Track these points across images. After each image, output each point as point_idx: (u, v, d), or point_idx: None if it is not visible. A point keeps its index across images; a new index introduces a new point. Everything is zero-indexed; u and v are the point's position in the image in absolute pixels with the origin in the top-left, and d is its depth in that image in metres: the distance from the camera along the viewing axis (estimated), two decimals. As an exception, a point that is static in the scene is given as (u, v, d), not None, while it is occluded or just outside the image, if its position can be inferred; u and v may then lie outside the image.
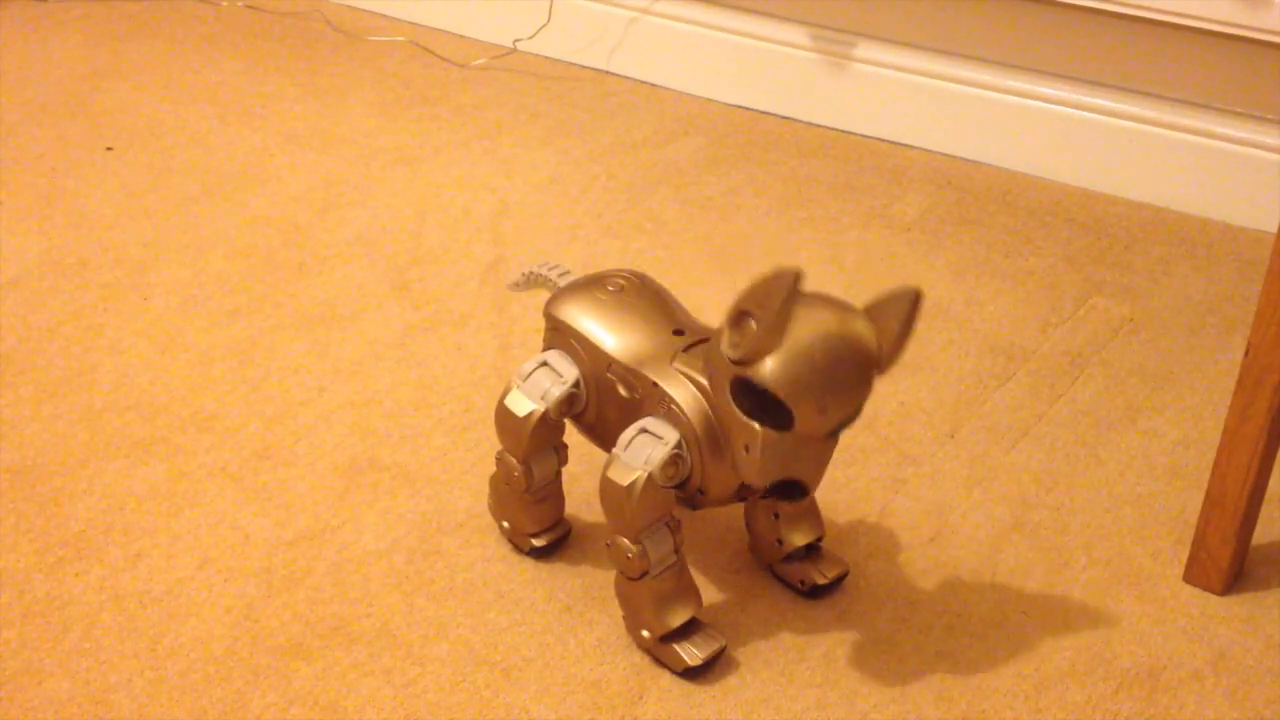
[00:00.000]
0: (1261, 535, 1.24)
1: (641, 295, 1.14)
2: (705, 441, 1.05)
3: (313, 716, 1.07)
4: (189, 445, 1.34)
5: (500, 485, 1.20)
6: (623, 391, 1.10)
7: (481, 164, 1.87)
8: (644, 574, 1.08)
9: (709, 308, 1.12)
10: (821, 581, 1.18)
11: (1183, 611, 1.19)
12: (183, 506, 1.27)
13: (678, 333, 1.10)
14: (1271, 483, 1.20)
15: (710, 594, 1.19)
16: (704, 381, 1.05)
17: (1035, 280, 1.64)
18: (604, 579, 1.18)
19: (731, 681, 1.11)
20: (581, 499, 1.28)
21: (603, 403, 1.13)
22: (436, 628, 1.15)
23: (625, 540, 1.08)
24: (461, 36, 2.22)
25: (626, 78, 2.11)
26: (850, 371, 0.99)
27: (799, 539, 1.18)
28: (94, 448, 1.33)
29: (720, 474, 1.07)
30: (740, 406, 1.00)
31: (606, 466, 1.07)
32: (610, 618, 1.16)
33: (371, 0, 2.29)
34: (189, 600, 1.17)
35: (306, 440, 1.35)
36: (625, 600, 1.13)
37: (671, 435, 1.05)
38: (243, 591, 1.18)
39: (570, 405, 1.14)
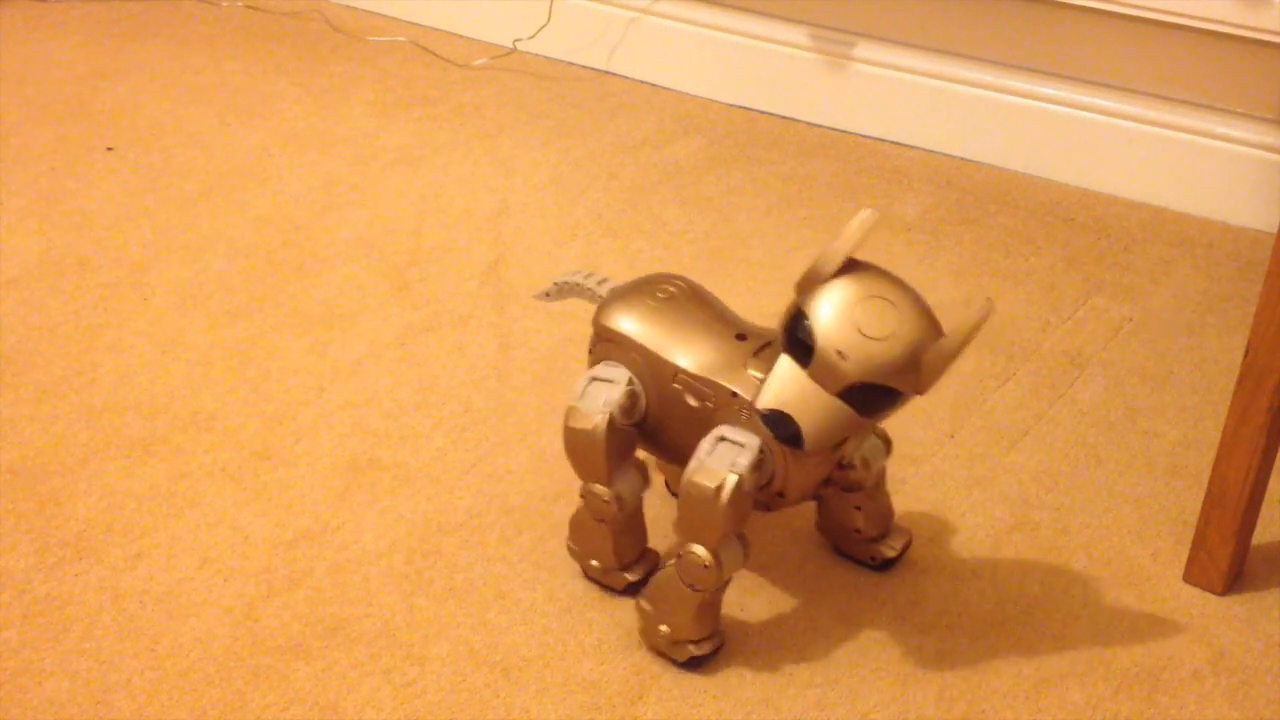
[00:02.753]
0: (1261, 535, 1.24)
1: (693, 301, 1.12)
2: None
3: (313, 716, 1.07)
4: (189, 445, 1.34)
5: (586, 523, 1.16)
6: (692, 401, 1.08)
7: (481, 164, 1.87)
8: (711, 586, 1.07)
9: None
10: (891, 554, 1.20)
11: (1183, 611, 1.19)
12: (183, 506, 1.27)
13: (740, 337, 1.09)
14: (1271, 483, 1.20)
15: (710, 594, 1.19)
16: None
17: (1035, 280, 1.64)
18: (604, 579, 1.19)
19: (731, 681, 1.11)
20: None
21: (665, 413, 1.10)
22: (436, 628, 1.15)
23: (702, 550, 1.06)
24: (461, 36, 2.22)
25: (626, 78, 2.11)
26: (886, 349, 0.98)
27: (880, 526, 1.20)
28: (94, 448, 1.33)
29: (801, 475, 1.06)
30: (785, 342, 1.01)
31: (690, 473, 1.05)
32: (610, 618, 1.16)
33: (371, 0, 2.29)
34: (189, 600, 1.17)
35: (306, 440, 1.35)
36: (662, 596, 1.10)
37: (753, 440, 1.04)
38: (243, 591, 1.18)
39: (633, 406, 1.11)
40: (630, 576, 1.17)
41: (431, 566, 1.21)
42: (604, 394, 1.10)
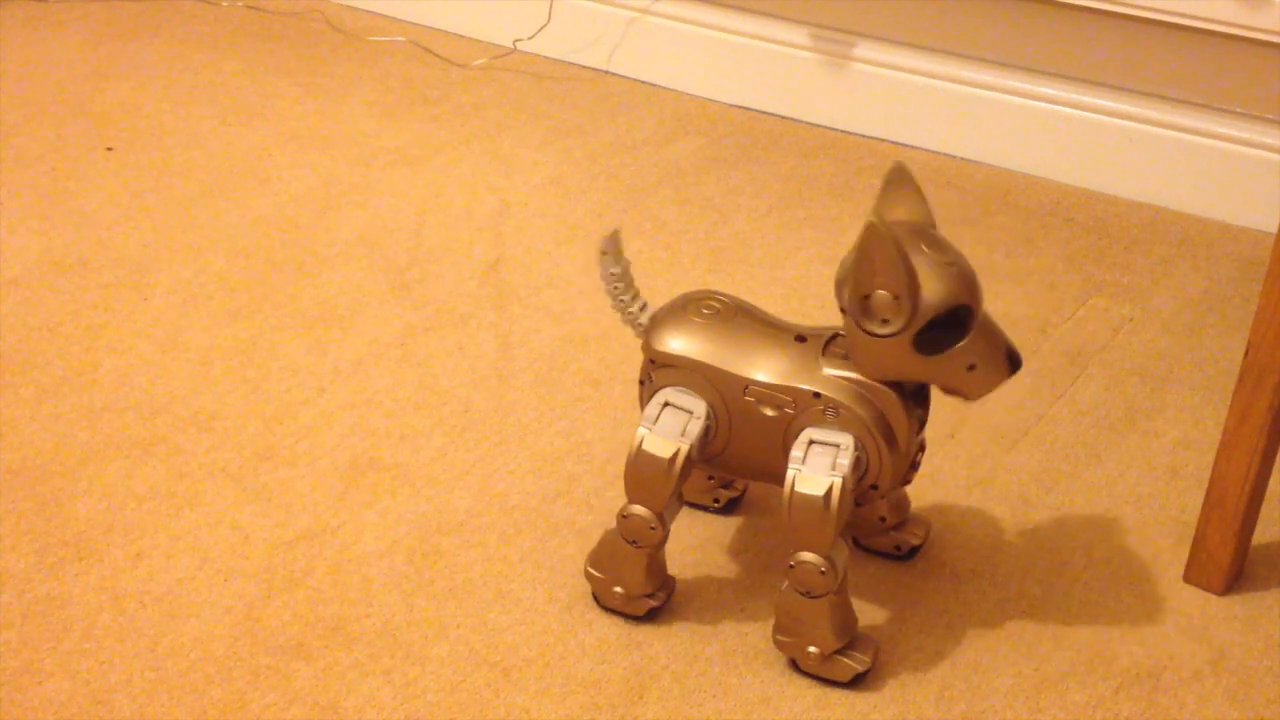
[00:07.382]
0: (1261, 535, 1.24)
1: (740, 313, 1.12)
2: (880, 435, 1.05)
3: (313, 716, 1.08)
4: (189, 445, 1.34)
5: (620, 547, 1.13)
6: (768, 411, 1.08)
7: (481, 164, 1.87)
8: (830, 590, 1.07)
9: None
10: (916, 543, 1.22)
11: (1183, 611, 1.19)
12: (183, 506, 1.27)
13: (800, 339, 1.09)
14: (1271, 483, 1.20)
15: (709, 595, 1.19)
16: (859, 377, 1.05)
17: (1035, 280, 1.64)
18: (604, 579, 1.18)
19: (731, 681, 1.11)
20: (581, 499, 1.28)
21: (736, 428, 1.10)
22: (436, 628, 1.15)
23: (815, 556, 1.06)
24: (461, 36, 2.22)
25: (626, 78, 2.11)
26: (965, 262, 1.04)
27: (901, 512, 1.21)
28: (94, 448, 1.33)
29: (894, 464, 1.07)
30: (929, 353, 1.02)
31: (791, 485, 1.05)
32: (610, 618, 1.16)
33: (371, 0, 2.29)
34: (189, 600, 1.17)
35: (306, 440, 1.35)
36: (795, 620, 1.09)
37: (845, 439, 1.05)
38: (243, 591, 1.18)
39: (710, 438, 1.10)
40: (652, 601, 1.16)
41: (431, 566, 1.21)
42: (682, 424, 1.09)
